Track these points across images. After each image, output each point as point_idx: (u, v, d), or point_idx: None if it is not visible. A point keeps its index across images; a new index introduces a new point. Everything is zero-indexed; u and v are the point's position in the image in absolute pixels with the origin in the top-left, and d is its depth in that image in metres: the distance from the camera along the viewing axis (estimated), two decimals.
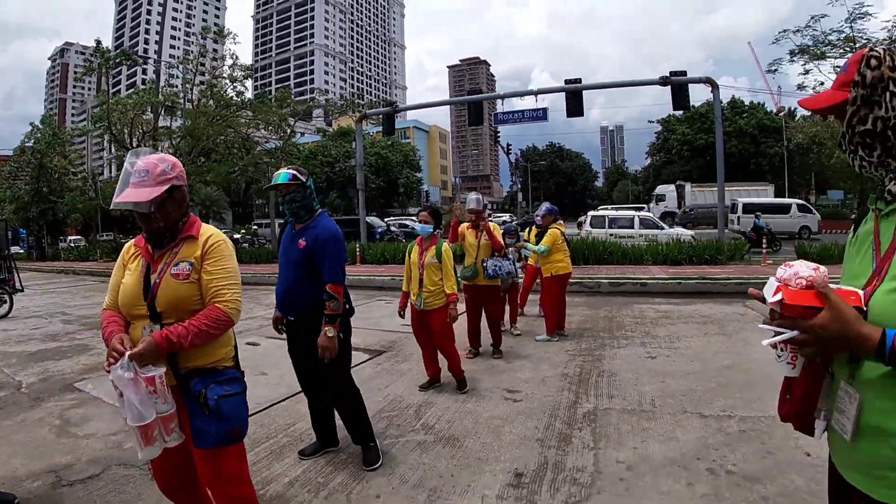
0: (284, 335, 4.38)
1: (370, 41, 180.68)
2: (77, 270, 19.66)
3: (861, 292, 1.50)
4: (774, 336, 1.52)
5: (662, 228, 21.80)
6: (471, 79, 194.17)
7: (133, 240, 2.81)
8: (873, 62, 1.50)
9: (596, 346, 7.84)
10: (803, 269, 1.50)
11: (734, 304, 10.90)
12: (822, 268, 1.51)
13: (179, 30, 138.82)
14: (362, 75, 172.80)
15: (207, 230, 2.73)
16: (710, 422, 4.96)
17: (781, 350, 1.57)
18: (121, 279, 2.68)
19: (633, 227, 21.71)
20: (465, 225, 7.51)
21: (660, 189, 53.95)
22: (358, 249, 20.59)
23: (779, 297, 1.48)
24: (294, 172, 4.06)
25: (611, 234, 20.86)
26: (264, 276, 17.34)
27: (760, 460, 4.14)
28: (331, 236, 4.04)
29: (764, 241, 18.35)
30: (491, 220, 7.91)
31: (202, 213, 47.26)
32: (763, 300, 1.58)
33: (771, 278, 1.58)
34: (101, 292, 14.53)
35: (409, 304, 5.99)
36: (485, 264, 7.13)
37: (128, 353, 2.31)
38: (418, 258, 5.89)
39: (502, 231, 8.14)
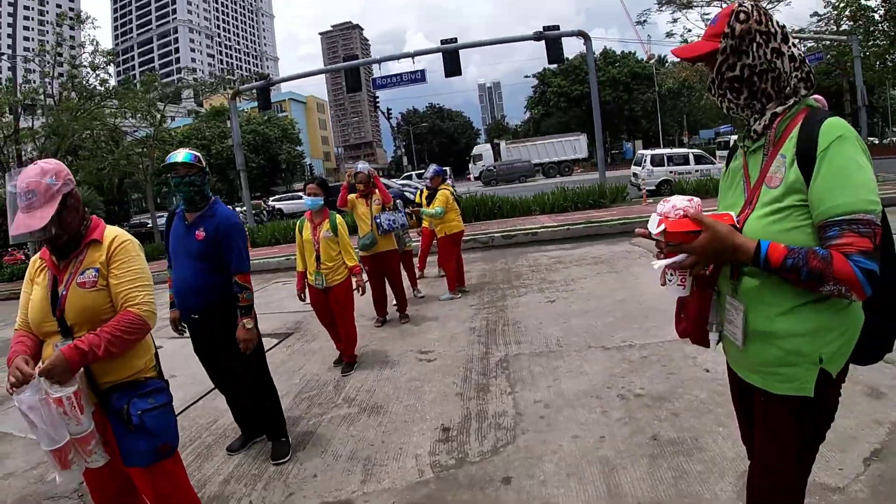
0: (187, 334, 4.14)
1: (237, 13, 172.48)
2: None
3: (733, 214, 1.74)
4: (662, 264, 1.76)
5: (714, 163, 22.67)
6: (344, 45, 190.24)
7: (38, 253, 2.62)
8: (742, 16, 1.71)
9: (498, 298, 8.07)
10: (679, 202, 1.72)
11: (621, 243, 11.47)
12: (696, 199, 1.72)
13: (33, 19, 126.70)
14: (231, 49, 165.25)
15: (111, 232, 2.56)
16: (614, 353, 5.27)
17: (671, 275, 1.81)
18: (30, 296, 2.51)
19: (688, 164, 22.38)
20: (353, 195, 7.33)
21: (476, 149, 55.85)
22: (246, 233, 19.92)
23: (662, 228, 1.68)
24: (196, 153, 3.81)
25: (670, 172, 21.68)
26: (153, 274, 16.30)
27: (664, 381, 4.47)
28: (233, 224, 3.84)
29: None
30: None
31: None
32: (649, 236, 1.78)
33: (653, 214, 1.78)
34: None
35: (305, 284, 5.76)
36: (377, 220, 7.04)
37: (36, 372, 2.15)
38: (312, 234, 5.62)
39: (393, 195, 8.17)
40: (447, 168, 8.42)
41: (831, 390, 1.75)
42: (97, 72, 23.83)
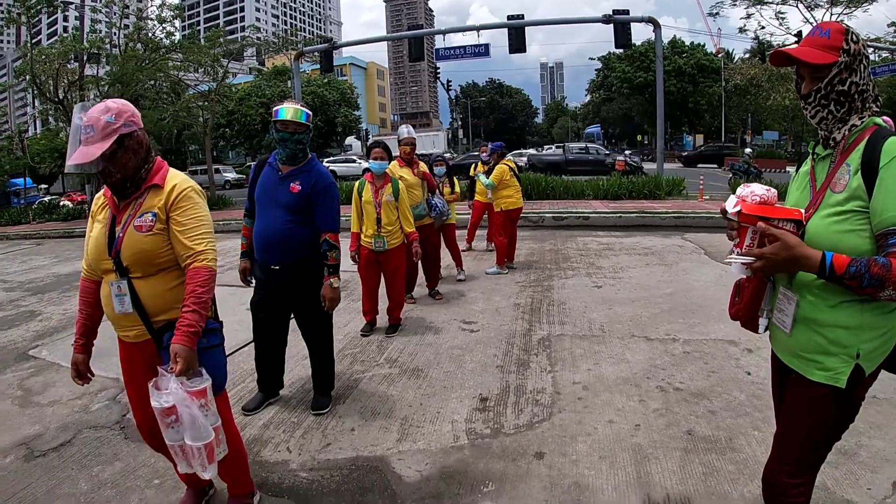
0: (252, 285, 4.20)
1: None
2: (10, 235, 18.59)
3: (802, 210, 1.89)
4: (737, 259, 1.90)
5: None
6: (408, 13, 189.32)
7: (103, 189, 2.66)
8: (855, 37, 1.85)
9: (544, 278, 8.10)
10: (758, 189, 1.93)
11: (673, 236, 11.33)
12: (773, 190, 1.94)
13: None
14: (295, 11, 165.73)
15: (174, 177, 2.58)
16: (656, 345, 5.27)
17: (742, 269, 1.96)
18: (90, 233, 2.60)
19: None
20: (395, 163, 6.79)
21: (348, 140, 56.89)
22: None
23: (738, 208, 1.87)
24: (309, 112, 3.84)
25: None
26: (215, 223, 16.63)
27: (705, 379, 4.47)
28: (330, 184, 3.91)
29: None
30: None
31: None
32: (725, 214, 1.95)
33: (732, 196, 1.97)
34: (38, 255, 13.90)
35: (359, 244, 5.77)
36: (431, 202, 6.95)
37: (173, 377, 2.29)
38: (373, 197, 5.62)
39: (430, 161, 8.11)
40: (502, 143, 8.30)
41: (859, 390, 1.91)
42: (164, 25, 24.14)
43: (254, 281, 4.19)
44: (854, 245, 1.77)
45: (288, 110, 3.77)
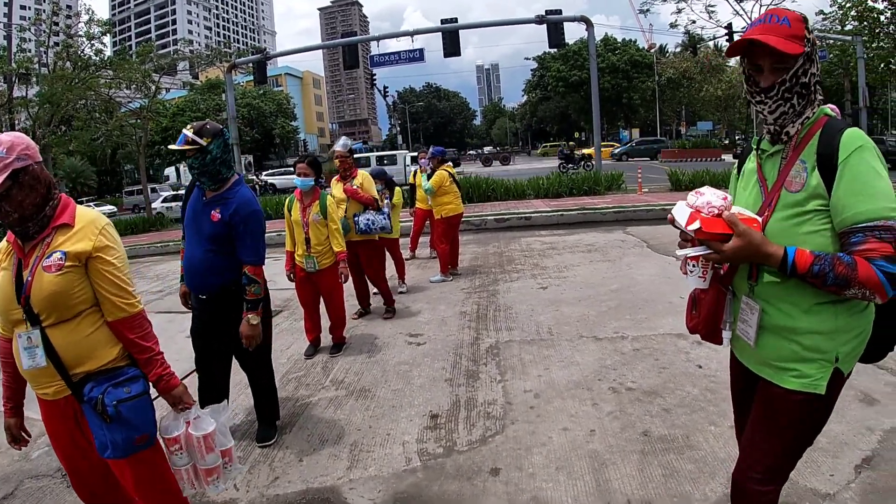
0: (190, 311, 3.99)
1: None
2: None
3: (759, 219, 1.75)
4: (689, 250, 1.76)
5: None
6: (343, 20, 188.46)
7: (5, 237, 2.42)
8: (809, 25, 1.75)
9: (489, 282, 8.01)
10: (714, 199, 1.72)
11: (615, 231, 11.43)
12: (730, 197, 1.75)
13: None
14: (228, 22, 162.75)
15: (84, 215, 2.37)
16: (606, 344, 5.22)
17: (693, 266, 1.83)
18: None
19: None
20: (335, 177, 6.74)
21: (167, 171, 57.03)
22: None
23: (696, 226, 1.68)
24: (189, 134, 3.48)
25: None
26: (144, 246, 15.93)
27: (657, 375, 4.43)
28: (252, 212, 3.62)
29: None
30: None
31: (69, 187, 43.82)
32: (674, 224, 1.78)
33: (681, 203, 1.77)
34: None
35: (294, 263, 5.56)
36: (356, 219, 6.47)
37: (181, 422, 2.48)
38: (301, 216, 5.38)
39: (373, 174, 7.72)
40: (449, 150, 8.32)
41: (836, 392, 1.85)
42: (93, 42, 23.42)
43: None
44: (819, 245, 1.70)
45: (183, 136, 3.53)
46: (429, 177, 8.43)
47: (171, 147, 3.57)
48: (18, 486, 3.75)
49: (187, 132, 3.51)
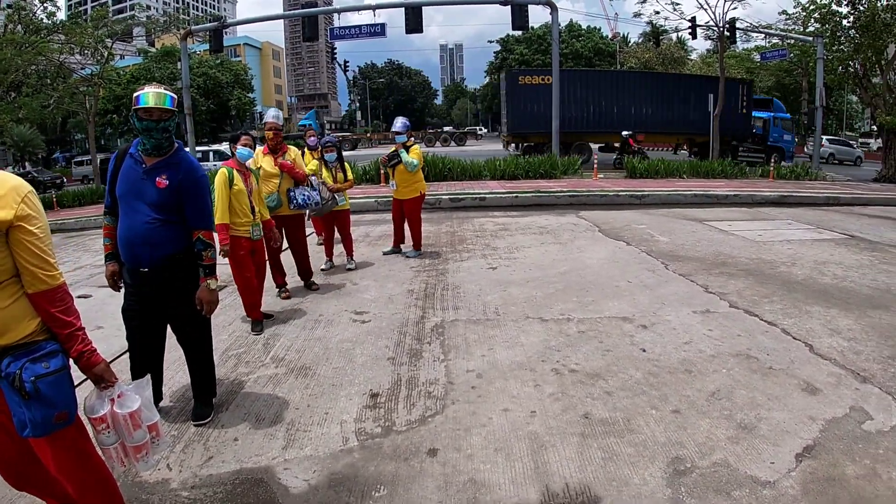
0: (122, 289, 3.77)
1: None
2: None
3: None
4: None
5: None
6: None
7: None
8: None
9: (439, 261, 7.93)
10: None
11: (568, 214, 11.47)
12: None
13: None
14: None
15: (6, 180, 2.20)
16: (551, 325, 5.20)
17: None
18: None
19: None
20: (260, 150, 6.50)
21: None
22: None
23: None
24: (175, 97, 3.37)
25: None
26: (91, 219, 15.12)
27: (600, 358, 4.41)
28: (201, 176, 3.50)
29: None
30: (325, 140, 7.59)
31: (17, 156, 42.12)
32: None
33: None
34: None
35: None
36: (291, 194, 6.46)
37: (105, 399, 2.37)
38: (244, 185, 5.29)
39: (321, 145, 7.63)
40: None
41: None
42: (45, 4, 22.44)
43: (123, 285, 3.74)
44: None
45: (150, 96, 3.30)
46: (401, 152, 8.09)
47: (153, 105, 3.31)
48: None
49: (170, 93, 3.36)
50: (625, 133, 23.30)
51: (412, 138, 8.37)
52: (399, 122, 8.20)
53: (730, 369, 4.15)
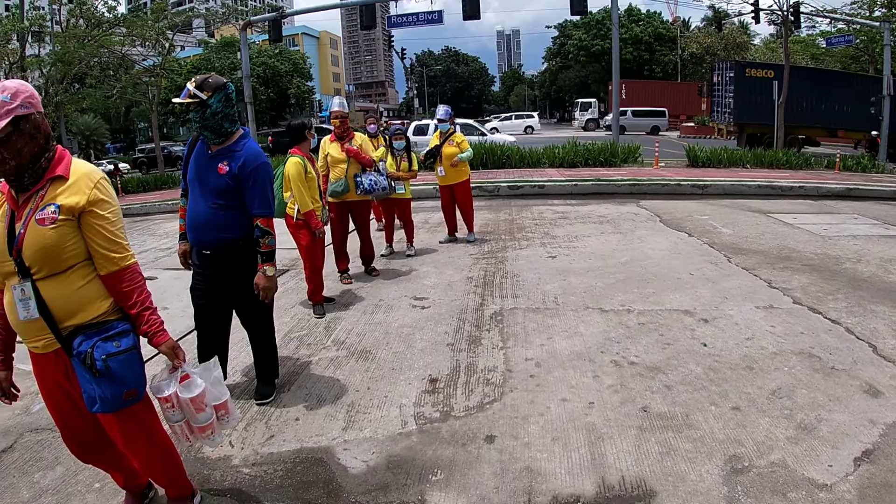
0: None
1: None
2: None
3: None
4: None
5: None
6: None
7: (1, 185, 2.39)
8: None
9: (498, 249, 7.94)
10: None
11: (628, 204, 11.29)
12: None
13: None
14: None
15: (79, 167, 2.33)
16: (611, 316, 5.16)
17: None
18: None
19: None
20: (327, 137, 6.79)
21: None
22: None
23: None
24: (191, 88, 3.43)
25: None
26: (154, 204, 15.80)
27: (660, 351, 4.37)
28: (262, 164, 3.58)
29: None
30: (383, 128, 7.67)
31: (82, 144, 43.82)
32: None
33: None
34: None
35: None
36: (358, 179, 6.55)
37: (173, 382, 2.47)
38: (315, 171, 5.48)
39: (389, 133, 7.76)
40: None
41: None
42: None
43: (192, 265, 3.91)
44: None
45: (186, 89, 3.48)
46: (445, 137, 8.24)
47: (174, 100, 3.52)
48: (18, 438, 3.75)
49: (189, 86, 3.46)
50: (873, 133, 22.83)
51: (455, 125, 8.44)
52: (441, 110, 8.45)
53: (791, 367, 4.06)
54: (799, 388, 3.75)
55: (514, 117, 51.32)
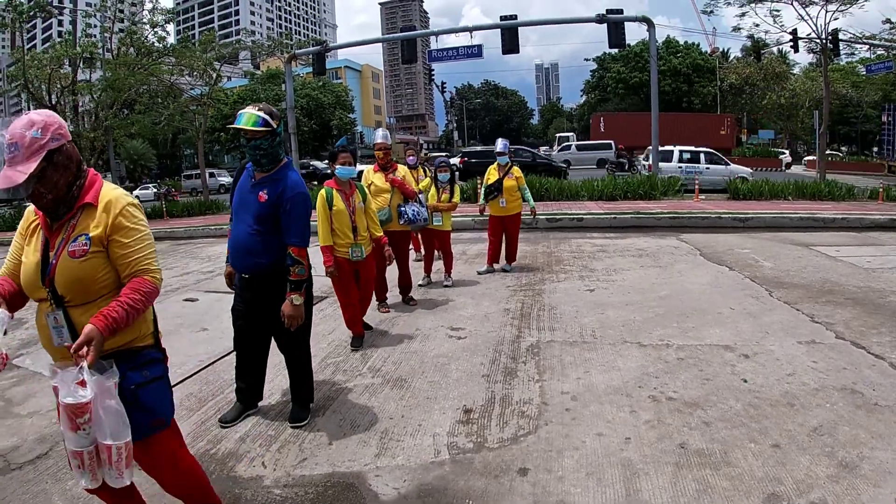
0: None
1: None
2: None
3: None
4: None
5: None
6: (403, 16, 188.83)
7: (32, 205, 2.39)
8: None
9: (536, 281, 7.93)
10: None
11: (668, 237, 11.19)
12: None
13: None
14: (290, 14, 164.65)
15: (107, 193, 2.32)
16: (649, 351, 5.10)
17: None
18: (20, 246, 2.38)
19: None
20: (371, 168, 6.89)
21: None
22: None
23: None
24: (266, 117, 3.56)
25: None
26: (198, 228, 16.33)
27: (699, 387, 4.29)
28: (298, 194, 3.69)
29: None
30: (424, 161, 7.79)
31: (129, 168, 45.26)
32: None
33: None
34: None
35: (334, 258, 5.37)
36: (402, 209, 6.64)
37: (85, 364, 2.02)
38: (346, 205, 5.34)
39: (434, 166, 7.87)
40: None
41: None
42: (156, 29, 24.08)
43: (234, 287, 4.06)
44: None
45: (244, 116, 3.58)
46: (504, 174, 8.46)
47: (242, 125, 3.55)
48: (53, 446, 3.88)
49: (261, 114, 3.58)
50: None
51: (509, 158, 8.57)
52: (500, 144, 8.72)
53: (833, 404, 3.95)
54: (841, 425, 3.65)
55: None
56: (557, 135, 56.52)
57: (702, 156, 22.97)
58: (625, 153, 29.81)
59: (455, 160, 27.80)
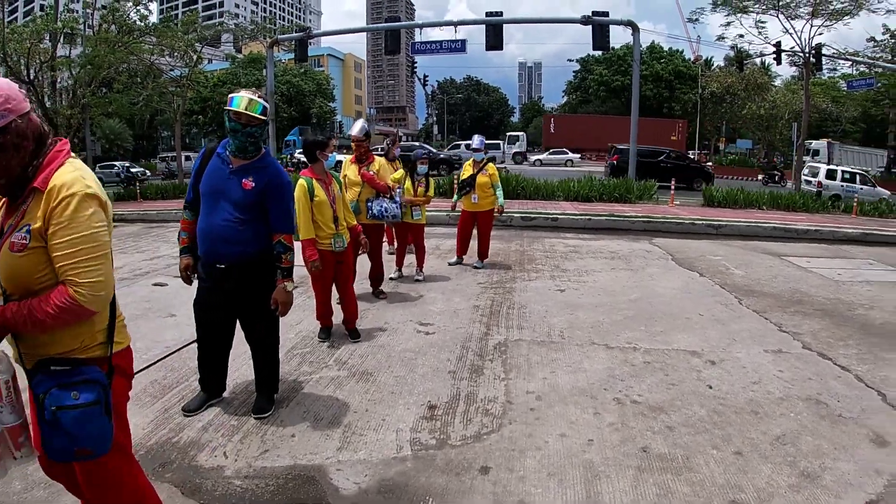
0: (195, 284, 3.89)
1: None
2: None
3: None
4: None
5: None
6: (389, 6, 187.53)
7: None
8: None
9: (507, 279, 7.91)
10: None
11: (641, 241, 11.25)
12: None
13: None
14: None
15: (59, 177, 1.93)
16: (616, 353, 5.11)
17: None
18: None
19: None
20: (348, 158, 6.87)
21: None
22: None
23: None
24: (266, 105, 3.50)
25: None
26: (171, 212, 15.62)
27: (665, 391, 4.31)
28: (286, 182, 3.68)
29: None
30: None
31: (105, 147, 44.44)
32: None
33: None
34: None
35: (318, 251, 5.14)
36: (369, 204, 6.61)
37: None
38: (326, 195, 5.11)
39: (413, 157, 7.69)
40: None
41: None
42: (138, 7, 23.67)
43: (197, 279, 3.90)
44: None
45: (242, 100, 3.46)
46: (480, 168, 8.40)
47: (244, 110, 3.44)
48: None
49: (263, 101, 3.52)
50: None
51: (488, 153, 8.56)
52: (477, 140, 8.76)
53: (798, 413, 3.98)
54: (804, 435, 3.67)
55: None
56: (508, 133, 56.93)
57: (857, 176, 23.65)
58: (775, 165, 29.13)
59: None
